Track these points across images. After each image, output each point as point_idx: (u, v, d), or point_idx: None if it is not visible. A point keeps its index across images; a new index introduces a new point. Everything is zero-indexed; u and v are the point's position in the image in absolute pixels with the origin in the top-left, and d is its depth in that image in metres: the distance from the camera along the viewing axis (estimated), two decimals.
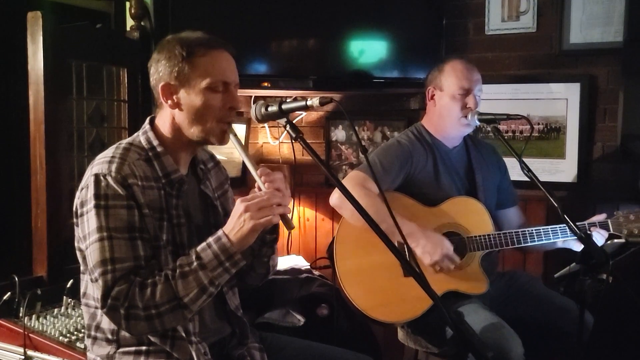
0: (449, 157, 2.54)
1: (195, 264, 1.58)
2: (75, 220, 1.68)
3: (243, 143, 1.78)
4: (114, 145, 1.74)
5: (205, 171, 1.88)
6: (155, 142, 1.73)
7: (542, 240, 2.37)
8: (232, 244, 1.58)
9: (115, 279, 1.56)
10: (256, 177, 1.64)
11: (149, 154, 1.72)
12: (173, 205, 1.72)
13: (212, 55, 1.69)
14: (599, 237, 2.29)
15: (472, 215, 2.44)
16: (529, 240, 2.38)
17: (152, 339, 1.66)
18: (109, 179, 1.61)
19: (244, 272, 1.86)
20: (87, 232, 1.62)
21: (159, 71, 1.71)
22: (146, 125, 1.78)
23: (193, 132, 1.71)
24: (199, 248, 1.60)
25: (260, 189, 1.64)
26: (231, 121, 1.72)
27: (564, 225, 2.29)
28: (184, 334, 1.67)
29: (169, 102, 1.71)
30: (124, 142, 1.76)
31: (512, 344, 2.15)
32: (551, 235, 2.37)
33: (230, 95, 1.71)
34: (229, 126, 1.72)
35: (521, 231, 2.39)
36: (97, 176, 1.62)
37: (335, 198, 2.39)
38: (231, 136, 1.72)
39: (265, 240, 1.79)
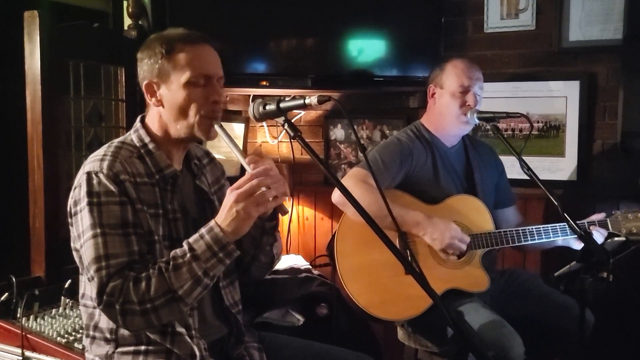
0: (448, 156, 2.54)
1: (188, 255, 1.57)
2: (69, 220, 1.68)
3: (238, 142, 1.76)
4: (106, 144, 1.74)
5: (200, 167, 1.88)
6: (146, 139, 1.74)
7: (543, 238, 2.38)
8: (225, 233, 1.57)
9: (110, 274, 1.56)
10: (245, 165, 1.63)
11: (141, 152, 1.72)
12: (168, 200, 1.72)
13: (191, 49, 1.69)
14: (598, 236, 2.29)
15: (473, 213, 2.44)
16: (529, 238, 2.38)
17: (151, 337, 1.66)
18: (101, 176, 1.61)
19: (248, 263, 1.85)
20: (81, 230, 1.62)
21: (143, 70, 1.72)
22: (137, 123, 1.78)
23: (179, 128, 1.71)
24: (191, 239, 1.60)
25: None
26: (216, 116, 1.71)
27: (565, 223, 2.29)
28: (183, 330, 1.67)
29: (153, 100, 1.71)
30: (116, 141, 1.76)
31: (512, 342, 2.15)
32: (551, 233, 2.37)
33: (212, 89, 1.70)
34: (216, 121, 1.71)
35: (522, 229, 2.39)
36: (89, 174, 1.62)
37: (338, 195, 2.39)
38: (217, 128, 1.70)
39: (265, 228, 1.78)
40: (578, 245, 2.36)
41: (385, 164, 2.41)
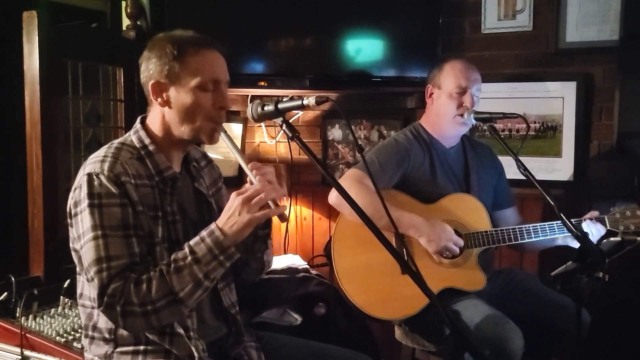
0: (446, 157, 2.55)
1: (189, 258, 1.58)
2: (69, 220, 1.68)
3: (236, 142, 1.78)
4: (106, 145, 1.74)
5: (198, 169, 1.89)
6: (146, 141, 1.74)
7: (539, 236, 2.38)
8: (225, 237, 1.59)
9: (111, 276, 1.56)
10: (248, 172, 1.65)
11: (141, 153, 1.73)
12: (167, 202, 1.72)
13: (202, 54, 1.70)
14: (595, 231, 2.29)
15: (470, 212, 2.45)
16: (526, 236, 2.38)
17: (150, 337, 1.66)
18: (102, 177, 1.61)
19: (239, 267, 1.87)
20: (81, 231, 1.62)
21: (149, 69, 1.72)
22: (137, 124, 1.78)
23: (183, 130, 1.72)
24: (192, 242, 1.61)
25: (252, 183, 1.64)
26: (221, 121, 1.73)
27: (560, 221, 2.29)
28: (182, 331, 1.68)
29: (159, 100, 1.71)
30: (116, 141, 1.76)
31: (512, 334, 2.15)
32: (548, 231, 2.37)
33: (220, 95, 1.72)
34: (220, 125, 1.72)
35: (518, 228, 2.40)
36: (90, 175, 1.62)
37: (334, 196, 2.40)
38: (222, 134, 1.72)
39: (257, 235, 1.79)
40: (577, 243, 2.36)
41: (382, 165, 2.41)
